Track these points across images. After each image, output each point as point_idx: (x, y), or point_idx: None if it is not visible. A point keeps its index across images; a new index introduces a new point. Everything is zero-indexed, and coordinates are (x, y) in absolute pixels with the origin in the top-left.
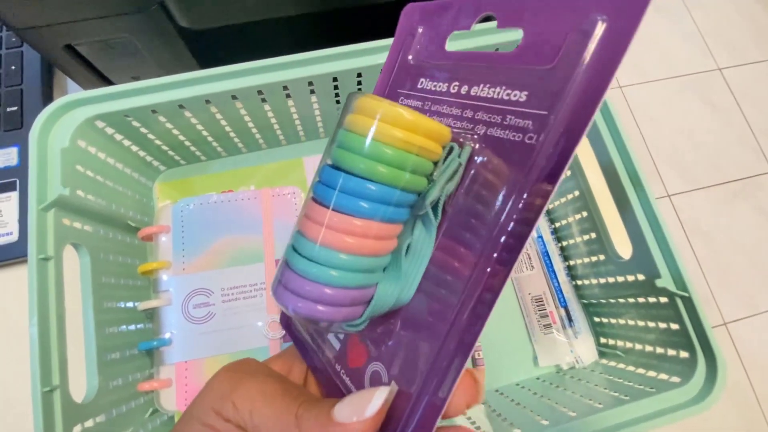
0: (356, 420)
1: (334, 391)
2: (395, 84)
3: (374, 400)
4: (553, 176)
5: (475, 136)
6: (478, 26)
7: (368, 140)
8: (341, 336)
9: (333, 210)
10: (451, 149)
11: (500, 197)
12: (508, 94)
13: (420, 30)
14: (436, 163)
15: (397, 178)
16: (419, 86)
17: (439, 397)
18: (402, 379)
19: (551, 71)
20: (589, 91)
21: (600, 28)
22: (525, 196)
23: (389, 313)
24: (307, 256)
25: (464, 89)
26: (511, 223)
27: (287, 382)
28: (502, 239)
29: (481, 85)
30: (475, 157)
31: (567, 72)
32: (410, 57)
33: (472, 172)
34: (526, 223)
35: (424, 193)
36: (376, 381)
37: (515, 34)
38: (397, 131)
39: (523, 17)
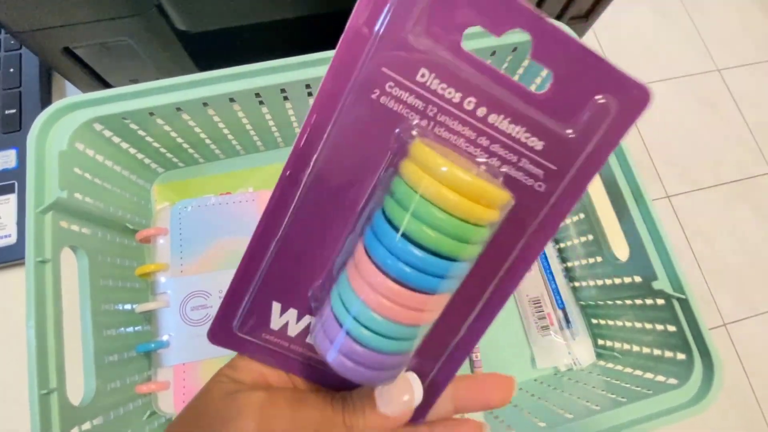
0: (406, 411)
1: (328, 380)
2: (379, 58)
3: (416, 393)
4: (553, 226)
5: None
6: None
7: (423, 201)
8: None
9: (376, 266)
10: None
11: (515, 231)
12: (527, 138)
13: None
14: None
15: (451, 250)
16: (419, 78)
17: (453, 371)
18: (417, 355)
19: (573, 134)
20: (595, 161)
21: (614, 108)
22: (528, 236)
23: None
24: (345, 304)
25: (481, 111)
26: (517, 251)
27: (295, 394)
28: (508, 264)
29: (503, 116)
30: None
31: (584, 140)
32: (407, 30)
33: None
34: (532, 254)
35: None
36: None
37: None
38: (456, 197)
39: (557, 60)
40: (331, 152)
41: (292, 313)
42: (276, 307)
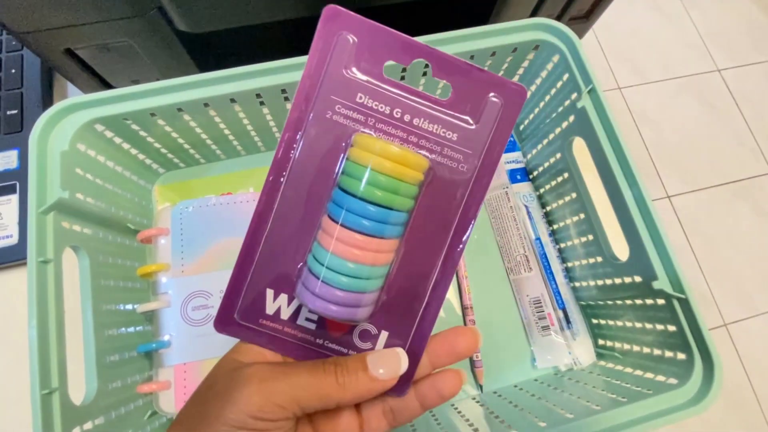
0: (394, 376)
1: (315, 357)
2: (327, 90)
3: (403, 361)
4: (481, 195)
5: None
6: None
7: (368, 170)
8: (314, 317)
9: (341, 225)
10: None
11: (451, 204)
12: (444, 132)
13: (352, 39)
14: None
15: (391, 201)
16: (358, 100)
17: (425, 337)
18: (393, 328)
19: (475, 126)
20: (497, 142)
21: (501, 102)
22: (463, 206)
23: None
24: (322, 262)
25: (407, 118)
26: (457, 220)
27: (290, 364)
28: (452, 232)
29: (422, 119)
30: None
31: (485, 128)
32: (344, 68)
33: (427, 181)
34: (468, 220)
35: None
36: (366, 335)
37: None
38: (389, 163)
39: (452, 76)
40: (302, 159)
41: (284, 297)
42: (269, 293)
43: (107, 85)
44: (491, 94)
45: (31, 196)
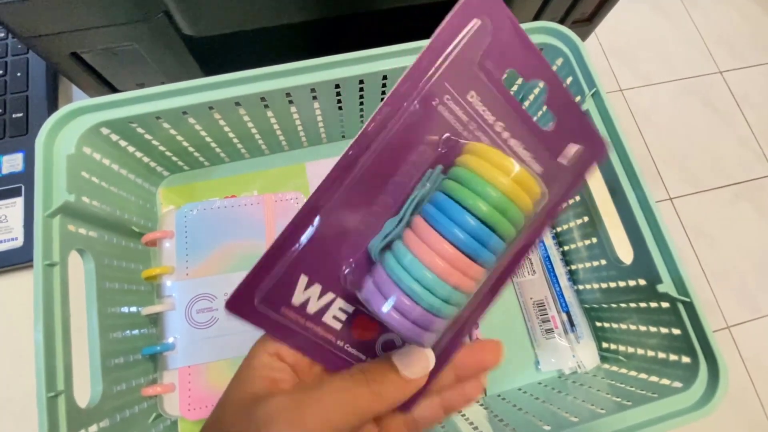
0: (424, 374)
1: (334, 361)
2: (444, 74)
3: (430, 357)
4: (542, 231)
5: None
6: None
7: (479, 179)
8: (342, 317)
9: (433, 228)
10: None
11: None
12: (531, 161)
13: (488, 30)
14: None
15: (492, 217)
16: (468, 98)
17: (447, 356)
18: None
19: (564, 168)
20: (573, 188)
21: (588, 153)
22: (526, 238)
23: None
24: (406, 267)
25: (505, 135)
26: (515, 252)
27: (312, 386)
28: (508, 261)
29: (518, 141)
30: None
31: (570, 172)
32: (469, 58)
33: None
34: (522, 254)
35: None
36: (389, 346)
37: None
38: (505, 177)
39: (560, 109)
40: (391, 141)
41: (316, 289)
42: (303, 280)
43: (112, 89)
44: (583, 140)
45: (37, 199)
